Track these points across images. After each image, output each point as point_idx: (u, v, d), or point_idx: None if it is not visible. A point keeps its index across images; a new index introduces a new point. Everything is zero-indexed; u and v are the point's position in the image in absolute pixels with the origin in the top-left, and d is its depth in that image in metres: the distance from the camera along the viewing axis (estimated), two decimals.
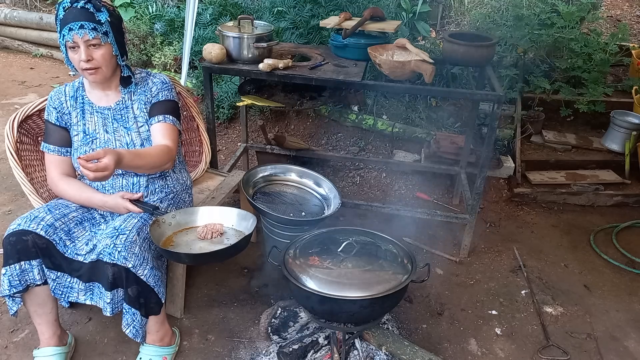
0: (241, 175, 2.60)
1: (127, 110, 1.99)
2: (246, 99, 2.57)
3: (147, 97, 2.00)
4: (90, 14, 1.77)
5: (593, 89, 3.53)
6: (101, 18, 1.79)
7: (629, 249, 2.91)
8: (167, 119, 2.00)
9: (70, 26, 1.75)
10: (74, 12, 1.75)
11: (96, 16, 1.78)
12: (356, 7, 3.89)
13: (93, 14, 1.77)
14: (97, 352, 2.10)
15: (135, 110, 1.99)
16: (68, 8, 1.76)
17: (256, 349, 2.13)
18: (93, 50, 1.81)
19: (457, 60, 2.64)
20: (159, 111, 2.00)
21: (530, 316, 2.42)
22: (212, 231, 1.96)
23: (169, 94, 2.04)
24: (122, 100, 1.98)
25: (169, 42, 4.57)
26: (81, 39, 1.77)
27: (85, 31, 1.76)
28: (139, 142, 1.98)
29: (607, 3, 5.74)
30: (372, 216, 3.07)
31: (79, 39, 1.77)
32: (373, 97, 3.76)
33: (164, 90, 2.03)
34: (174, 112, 2.04)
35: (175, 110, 2.05)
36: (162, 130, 1.98)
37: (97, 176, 1.61)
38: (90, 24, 1.76)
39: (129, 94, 1.99)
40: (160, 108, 2.00)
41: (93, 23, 1.77)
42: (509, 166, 3.43)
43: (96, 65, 1.83)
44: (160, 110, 2.00)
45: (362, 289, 1.72)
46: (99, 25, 1.78)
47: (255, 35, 2.47)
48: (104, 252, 1.76)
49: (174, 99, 2.06)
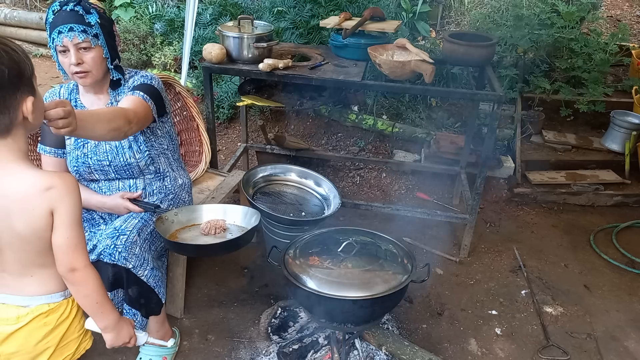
0: (241, 175, 2.60)
1: None
2: (246, 99, 2.57)
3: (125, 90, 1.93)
4: (80, 16, 1.74)
5: (593, 89, 3.53)
6: (91, 20, 1.76)
7: (629, 249, 2.91)
8: (135, 92, 1.87)
9: (60, 29, 1.73)
10: (63, 15, 1.73)
11: (86, 18, 1.75)
12: (356, 7, 3.89)
13: (82, 16, 1.74)
14: (97, 352, 2.09)
15: None
16: (57, 11, 1.74)
17: (256, 349, 2.13)
18: (83, 53, 1.77)
19: (457, 60, 2.64)
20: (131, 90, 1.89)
21: (530, 316, 2.42)
22: (215, 227, 1.97)
23: (145, 79, 1.94)
24: (110, 103, 1.95)
25: (169, 42, 4.57)
26: (71, 42, 1.74)
27: (74, 34, 1.73)
28: (127, 144, 1.94)
29: (607, 3, 5.74)
30: (372, 216, 3.07)
31: (69, 42, 1.74)
32: (373, 97, 3.76)
33: (141, 78, 1.94)
34: (146, 89, 1.90)
35: (147, 89, 1.91)
36: (126, 100, 1.84)
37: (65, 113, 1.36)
38: (80, 26, 1.74)
39: (114, 96, 1.95)
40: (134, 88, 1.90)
41: (83, 25, 1.74)
42: (509, 166, 3.43)
43: (86, 69, 1.79)
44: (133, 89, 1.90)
45: (362, 289, 1.72)
46: (89, 28, 1.75)
47: (255, 35, 2.47)
48: (105, 252, 1.76)
49: (151, 84, 1.93)
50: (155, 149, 2.01)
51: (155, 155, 2.02)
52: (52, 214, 1.24)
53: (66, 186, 1.25)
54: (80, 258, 1.30)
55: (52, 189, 1.23)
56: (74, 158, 1.94)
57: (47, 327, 1.36)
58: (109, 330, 1.42)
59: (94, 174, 1.97)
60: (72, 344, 1.43)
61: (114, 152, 1.94)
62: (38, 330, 1.35)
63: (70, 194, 1.26)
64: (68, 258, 1.28)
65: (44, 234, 1.26)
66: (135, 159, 1.95)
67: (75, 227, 1.28)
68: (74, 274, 1.30)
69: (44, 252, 1.29)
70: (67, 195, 1.25)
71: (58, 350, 1.39)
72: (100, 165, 1.94)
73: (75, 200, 1.27)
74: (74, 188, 1.28)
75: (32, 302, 1.34)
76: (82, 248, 1.31)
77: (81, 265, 1.30)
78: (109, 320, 1.41)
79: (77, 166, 1.94)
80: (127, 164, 1.95)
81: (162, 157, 2.06)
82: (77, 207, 1.28)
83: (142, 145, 1.97)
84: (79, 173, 1.96)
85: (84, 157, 1.94)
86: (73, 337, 1.43)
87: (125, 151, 1.94)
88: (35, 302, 1.34)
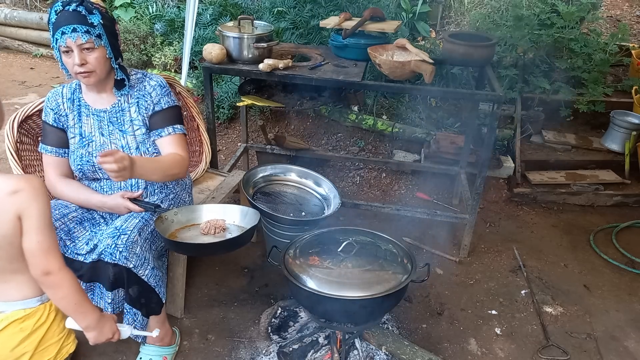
0: (241, 175, 2.60)
1: (123, 113, 1.97)
2: (246, 99, 2.57)
3: (147, 102, 1.96)
4: (83, 16, 1.74)
5: (593, 89, 3.54)
6: (94, 21, 1.76)
7: (629, 249, 2.91)
8: (175, 129, 1.97)
9: (63, 30, 1.72)
10: (66, 15, 1.73)
11: (88, 19, 1.75)
12: (356, 7, 3.89)
13: (85, 16, 1.74)
14: (97, 352, 2.10)
15: (132, 113, 1.97)
16: (60, 11, 1.74)
17: (256, 349, 2.13)
18: (87, 53, 1.78)
19: (457, 60, 2.64)
20: (165, 122, 1.97)
21: (530, 316, 2.43)
22: (214, 226, 1.97)
23: (169, 100, 2.00)
24: (117, 103, 1.96)
25: (169, 42, 4.57)
26: (74, 43, 1.74)
27: (78, 34, 1.73)
28: (134, 145, 1.96)
29: (607, 3, 5.74)
30: (372, 216, 3.07)
31: (72, 42, 1.74)
32: (373, 97, 3.76)
33: (164, 96, 1.98)
34: (179, 118, 2.01)
35: (179, 116, 2.02)
36: (172, 142, 1.96)
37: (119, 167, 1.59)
38: (83, 26, 1.74)
39: (124, 97, 1.96)
40: (165, 118, 1.97)
41: (86, 26, 1.74)
42: (508, 166, 3.43)
43: (90, 69, 1.80)
44: (166, 120, 1.97)
45: (362, 289, 1.73)
46: (92, 28, 1.76)
47: (255, 36, 2.47)
48: (105, 252, 1.76)
49: (176, 103, 2.03)
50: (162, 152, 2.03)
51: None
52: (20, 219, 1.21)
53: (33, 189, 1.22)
54: (54, 261, 1.28)
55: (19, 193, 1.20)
56: (78, 157, 1.94)
57: (24, 332, 1.34)
58: (90, 329, 1.41)
59: (98, 173, 1.97)
60: (52, 347, 1.42)
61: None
62: (14, 335, 1.33)
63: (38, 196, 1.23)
64: (41, 262, 1.26)
65: (14, 240, 1.23)
66: None
67: (46, 230, 1.25)
68: (49, 278, 1.28)
69: (17, 258, 1.27)
70: (35, 198, 1.22)
71: (37, 355, 1.38)
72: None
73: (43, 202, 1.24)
74: (42, 190, 1.25)
75: (7, 307, 1.33)
76: (55, 251, 1.29)
77: (55, 268, 1.28)
78: (89, 320, 1.40)
79: (82, 165, 1.95)
80: None
81: None
82: (46, 210, 1.25)
83: (151, 147, 1.98)
84: (82, 172, 1.97)
85: (88, 155, 1.94)
86: (52, 341, 1.42)
87: (132, 151, 1.95)
88: (10, 308, 1.33)
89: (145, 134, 1.98)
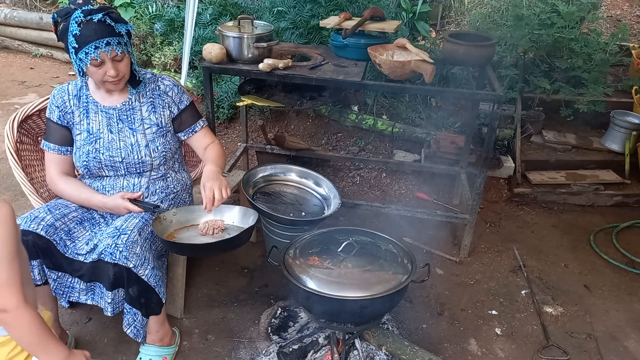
0: (241, 175, 2.60)
1: (134, 112, 1.97)
2: (246, 99, 2.57)
3: (164, 101, 2.01)
4: (111, 27, 1.73)
5: (593, 89, 3.53)
6: (121, 30, 1.77)
7: (629, 249, 2.91)
8: (203, 122, 2.15)
9: (96, 44, 1.71)
10: (94, 27, 1.70)
11: (116, 29, 1.75)
12: (356, 7, 3.89)
13: (113, 27, 1.74)
14: (97, 352, 2.09)
15: (143, 112, 1.98)
16: (83, 22, 1.70)
17: (256, 349, 2.13)
18: (117, 63, 1.80)
19: (457, 60, 2.64)
20: (194, 118, 2.10)
21: (530, 316, 2.42)
22: (213, 227, 1.97)
23: (187, 97, 2.10)
24: (128, 100, 1.97)
25: (169, 42, 4.57)
26: (108, 56, 1.75)
27: (112, 47, 1.73)
28: (144, 142, 1.97)
29: (607, 3, 5.74)
30: (372, 216, 3.07)
31: (106, 56, 1.74)
32: (373, 97, 3.76)
33: (182, 94, 2.08)
34: (199, 112, 2.16)
35: (197, 110, 2.15)
36: (207, 134, 2.15)
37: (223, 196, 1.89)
38: (115, 39, 1.74)
39: (135, 95, 1.98)
40: (192, 114, 2.10)
41: (117, 37, 1.74)
42: (509, 166, 3.43)
43: (121, 76, 1.84)
44: (194, 116, 2.11)
45: (362, 289, 1.72)
46: (121, 38, 1.77)
47: (255, 35, 2.47)
48: (106, 252, 1.76)
49: (191, 99, 2.13)
50: (170, 151, 2.05)
51: (169, 157, 2.05)
52: None
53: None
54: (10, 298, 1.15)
55: None
56: (84, 153, 1.94)
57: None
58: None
59: (104, 170, 1.97)
60: None
61: (129, 149, 1.95)
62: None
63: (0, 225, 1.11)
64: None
65: None
66: (150, 157, 1.97)
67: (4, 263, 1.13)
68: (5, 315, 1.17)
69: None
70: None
71: None
72: (111, 161, 1.94)
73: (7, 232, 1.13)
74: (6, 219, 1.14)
75: None
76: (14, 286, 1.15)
77: (12, 306, 1.16)
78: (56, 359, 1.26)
79: (87, 161, 1.95)
80: (141, 161, 1.96)
81: (172, 158, 2.10)
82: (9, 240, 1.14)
83: (160, 147, 2.00)
84: (88, 168, 1.97)
85: (95, 152, 1.94)
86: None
87: (141, 149, 1.96)
88: None
89: (155, 132, 1.99)
